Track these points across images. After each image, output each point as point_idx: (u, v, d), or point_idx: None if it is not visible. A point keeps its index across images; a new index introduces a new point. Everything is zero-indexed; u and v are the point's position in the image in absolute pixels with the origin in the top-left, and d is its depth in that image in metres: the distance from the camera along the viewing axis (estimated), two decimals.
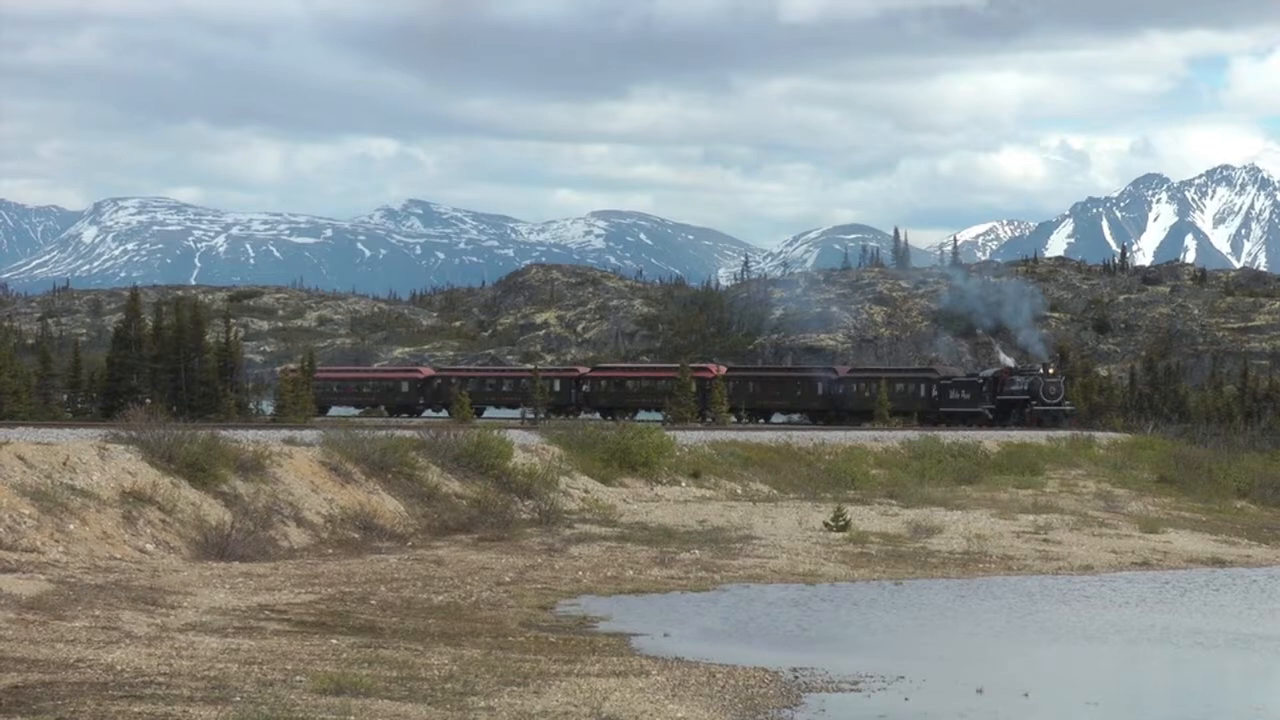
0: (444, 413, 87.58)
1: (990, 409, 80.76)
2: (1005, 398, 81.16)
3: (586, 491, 46.07)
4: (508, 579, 31.04)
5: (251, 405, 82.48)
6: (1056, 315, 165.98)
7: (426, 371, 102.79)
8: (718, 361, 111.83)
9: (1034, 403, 79.90)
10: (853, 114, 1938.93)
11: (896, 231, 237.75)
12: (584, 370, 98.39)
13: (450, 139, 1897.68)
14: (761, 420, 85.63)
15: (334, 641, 22.70)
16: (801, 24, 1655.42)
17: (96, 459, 33.92)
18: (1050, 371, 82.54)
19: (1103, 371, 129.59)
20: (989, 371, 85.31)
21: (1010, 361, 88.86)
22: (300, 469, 38.49)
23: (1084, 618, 29.71)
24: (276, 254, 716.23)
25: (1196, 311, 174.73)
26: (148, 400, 60.13)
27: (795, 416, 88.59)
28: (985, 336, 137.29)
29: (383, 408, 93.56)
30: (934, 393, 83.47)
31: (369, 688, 18.90)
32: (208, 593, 26.93)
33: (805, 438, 60.53)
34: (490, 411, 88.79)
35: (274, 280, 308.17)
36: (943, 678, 22.82)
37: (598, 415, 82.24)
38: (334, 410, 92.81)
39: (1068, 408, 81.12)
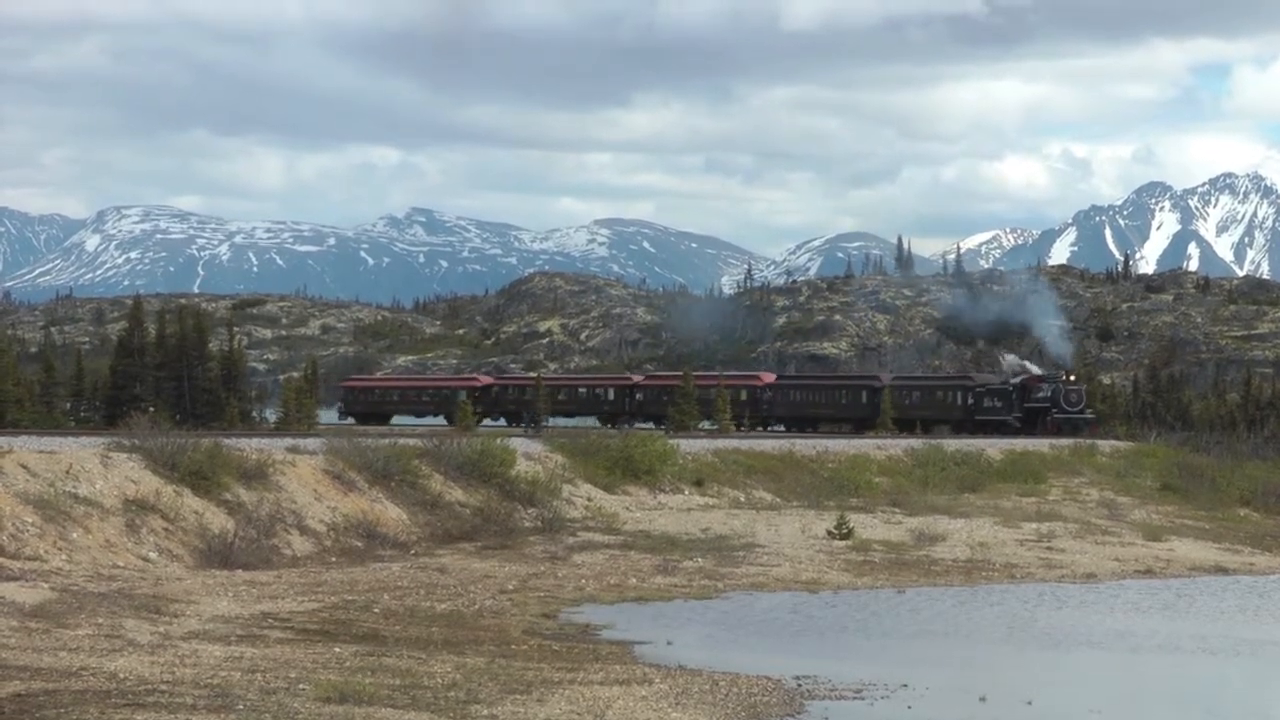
0: (501, 421, 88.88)
1: (1018, 417, 79.73)
2: (1032, 405, 79.76)
3: (589, 499, 46.03)
4: (511, 587, 31.02)
5: (255, 413, 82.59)
6: (1059, 323, 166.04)
7: (484, 380, 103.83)
8: (759, 370, 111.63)
9: (1055, 410, 78.96)
10: (855, 122, 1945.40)
11: (900, 239, 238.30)
12: (637, 379, 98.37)
13: (453, 147, 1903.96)
14: (809, 429, 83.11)
15: (337, 650, 22.70)
16: (803, 31, 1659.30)
17: (99, 467, 33.92)
18: (1071, 379, 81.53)
19: (1106, 379, 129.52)
20: (1018, 379, 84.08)
21: (1035, 368, 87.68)
22: (303, 477, 38.48)
23: (1087, 625, 29.69)
24: (280, 262, 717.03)
25: (1199, 319, 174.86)
26: (151, 408, 60.13)
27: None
28: (988, 344, 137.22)
29: (442, 416, 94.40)
30: (969, 400, 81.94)
31: (372, 696, 18.89)
32: (211, 601, 26.92)
33: (808, 446, 60.49)
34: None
35: (277, 289, 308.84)
36: (946, 685, 22.80)
37: (650, 424, 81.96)
38: (395, 419, 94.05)
39: (1089, 415, 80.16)
